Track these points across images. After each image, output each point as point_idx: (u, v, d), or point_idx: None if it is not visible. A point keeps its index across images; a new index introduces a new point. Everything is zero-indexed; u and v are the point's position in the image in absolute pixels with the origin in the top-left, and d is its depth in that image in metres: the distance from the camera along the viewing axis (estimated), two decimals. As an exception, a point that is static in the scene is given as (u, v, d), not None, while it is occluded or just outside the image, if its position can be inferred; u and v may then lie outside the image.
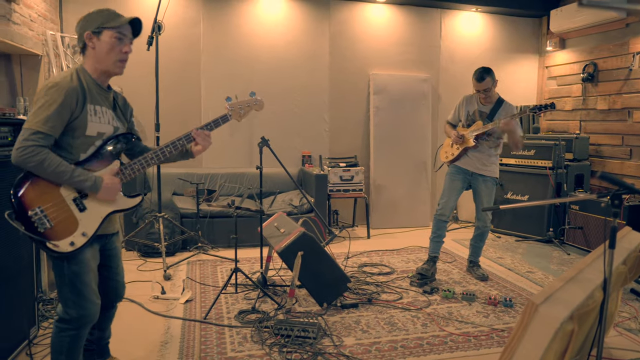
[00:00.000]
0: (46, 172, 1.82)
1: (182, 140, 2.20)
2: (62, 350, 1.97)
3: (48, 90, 1.83)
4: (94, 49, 1.97)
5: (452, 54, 6.02)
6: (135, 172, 2.08)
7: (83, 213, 1.94)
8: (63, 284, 1.94)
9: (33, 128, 1.79)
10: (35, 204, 1.83)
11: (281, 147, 5.61)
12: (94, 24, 1.96)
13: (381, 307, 3.33)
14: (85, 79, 1.97)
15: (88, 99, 1.95)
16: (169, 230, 4.48)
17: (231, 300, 3.39)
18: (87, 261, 1.96)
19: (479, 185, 3.88)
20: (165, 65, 5.22)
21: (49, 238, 1.85)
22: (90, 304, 1.98)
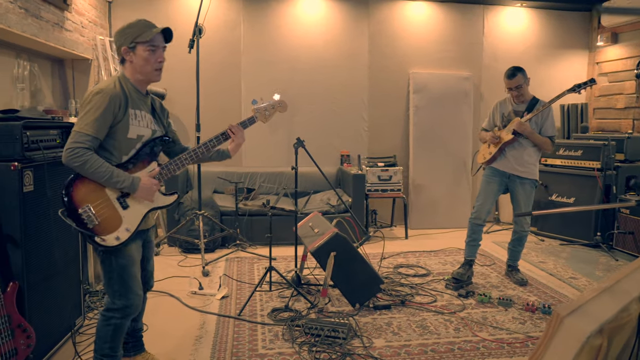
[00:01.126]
0: (88, 172, 1.94)
1: (213, 141, 2.29)
2: (107, 338, 2.11)
3: (94, 97, 1.96)
4: (132, 62, 2.09)
5: (495, 51, 5.87)
6: (171, 172, 2.19)
7: (126, 210, 2.07)
8: (111, 277, 2.08)
9: (81, 131, 1.93)
10: (84, 202, 1.97)
11: (320, 146, 5.67)
12: (128, 39, 2.07)
13: (414, 309, 3.31)
14: (127, 85, 2.09)
15: (130, 104, 2.06)
16: (209, 227, 4.62)
17: (265, 298, 3.47)
18: (132, 255, 2.10)
19: (516, 188, 3.77)
20: (207, 67, 5.37)
21: (97, 233, 1.99)
22: (135, 295, 2.12)
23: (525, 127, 3.60)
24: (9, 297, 2.24)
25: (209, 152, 2.30)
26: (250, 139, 5.52)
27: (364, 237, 3.49)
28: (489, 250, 4.77)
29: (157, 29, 2.13)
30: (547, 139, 3.66)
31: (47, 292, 2.52)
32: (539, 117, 3.60)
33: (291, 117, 5.60)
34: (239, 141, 2.35)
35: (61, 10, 4.04)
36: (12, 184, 2.29)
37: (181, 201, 4.74)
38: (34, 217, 2.38)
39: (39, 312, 2.44)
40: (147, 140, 2.15)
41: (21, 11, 3.47)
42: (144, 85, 2.18)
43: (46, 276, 2.50)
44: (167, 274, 3.98)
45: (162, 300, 3.46)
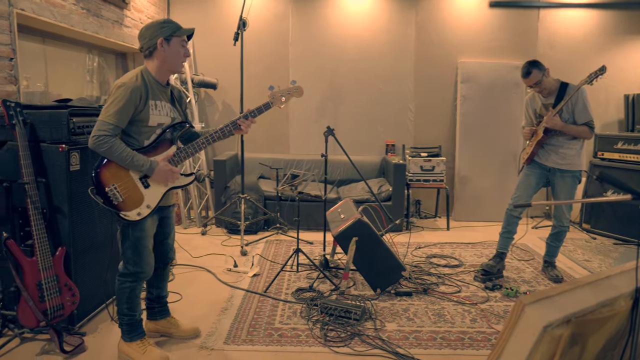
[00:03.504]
0: (113, 156, 2.20)
1: (228, 126, 2.48)
2: (123, 299, 2.41)
3: (117, 89, 2.21)
4: (164, 52, 2.32)
5: (551, 38, 5.61)
6: (188, 155, 2.41)
7: (147, 189, 2.32)
8: (127, 245, 2.35)
9: (105, 120, 2.19)
10: (110, 182, 2.25)
11: (365, 135, 5.75)
12: (167, 32, 2.31)
13: (435, 298, 3.35)
14: (148, 78, 2.32)
15: (150, 96, 2.30)
16: (252, 210, 4.88)
17: (294, 278, 3.65)
18: (148, 228, 2.36)
19: (557, 181, 3.65)
20: (256, 59, 5.61)
21: (121, 209, 2.26)
22: (146, 263, 2.39)
23: (555, 122, 3.46)
24: (57, 260, 2.58)
25: (224, 137, 2.49)
26: (297, 127, 5.73)
27: (389, 224, 3.55)
28: (531, 245, 4.64)
29: (188, 29, 2.39)
30: (583, 127, 3.48)
31: (91, 259, 2.86)
32: (569, 105, 3.45)
33: (337, 107, 5.72)
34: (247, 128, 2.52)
35: (120, 8, 4.42)
36: (60, 163, 2.63)
37: (228, 185, 5.03)
38: (79, 192, 2.71)
39: (84, 276, 2.79)
40: (167, 127, 2.38)
41: (83, 11, 3.85)
42: (165, 77, 2.41)
43: (90, 245, 2.84)
44: (208, 251, 4.29)
45: (200, 274, 3.75)
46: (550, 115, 3.49)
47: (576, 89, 3.38)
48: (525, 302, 1.62)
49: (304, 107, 5.71)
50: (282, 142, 5.81)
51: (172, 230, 2.65)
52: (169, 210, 2.58)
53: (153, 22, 2.36)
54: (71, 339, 2.56)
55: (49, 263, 2.51)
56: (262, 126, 5.72)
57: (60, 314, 2.55)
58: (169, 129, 2.39)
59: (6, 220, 2.63)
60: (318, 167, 5.58)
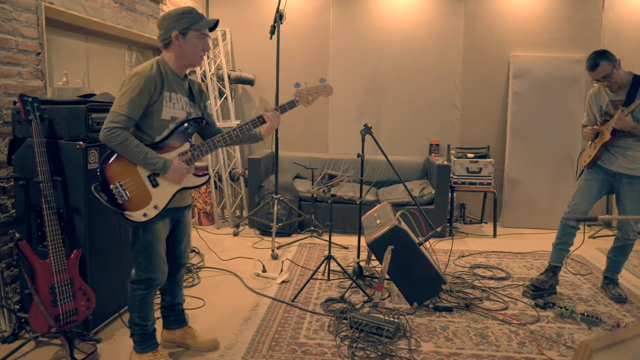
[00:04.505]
0: (125, 151, 2.05)
1: (248, 124, 2.28)
2: (135, 308, 2.25)
3: (131, 79, 2.05)
4: (180, 46, 2.14)
5: (617, 28, 5.08)
6: (203, 154, 2.23)
7: (156, 189, 2.15)
8: (137, 250, 2.19)
9: (117, 111, 2.03)
10: (115, 178, 2.09)
11: (408, 134, 5.44)
12: (183, 25, 2.13)
13: (478, 315, 3.03)
14: (165, 69, 2.16)
15: (165, 87, 2.13)
16: (286, 211, 4.69)
17: (324, 287, 3.42)
18: (159, 231, 2.19)
19: (623, 188, 3.22)
20: (296, 53, 5.41)
21: (126, 209, 2.10)
22: (158, 269, 2.23)
23: (625, 122, 3.04)
24: (72, 262, 2.47)
25: (244, 135, 2.29)
26: (336, 124, 5.49)
27: (430, 231, 3.25)
28: (588, 258, 4.20)
29: (209, 20, 2.19)
30: None
31: (109, 262, 2.74)
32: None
33: (379, 103, 5.43)
34: (273, 124, 2.31)
35: (156, 2, 4.32)
36: (78, 160, 2.51)
37: (262, 184, 4.86)
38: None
39: (101, 280, 2.67)
40: (182, 121, 2.20)
41: (116, 5, 3.76)
42: (183, 70, 2.24)
43: (107, 247, 2.72)
44: (239, 253, 4.13)
45: (227, 279, 3.59)
46: (620, 114, 3.07)
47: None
48: (593, 347, 1.32)
49: (344, 103, 5.46)
50: (321, 141, 5.58)
51: (186, 234, 2.47)
52: (184, 213, 2.40)
53: (171, 12, 2.18)
54: (84, 345, 2.44)
55: (63, 266, 2.40)
56: (300, 124, 5.52)
57: (73, 320, 2.44)
58: (184, 124, 2.21)
59: (23, 219, 2.55)
60: (357, 167, 5.31)
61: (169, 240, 2.37)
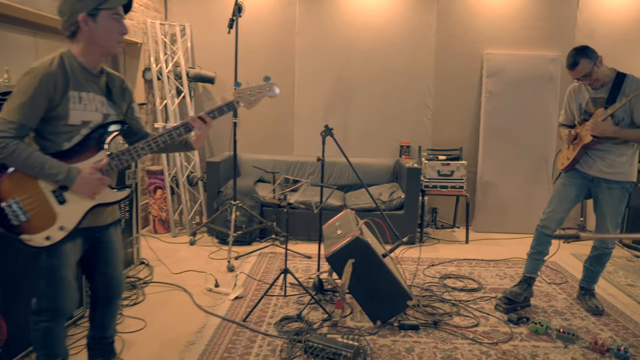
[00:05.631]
0: (18, 162, 1.70)
1: (179, 129, 1.96)
2: (39, 344, 1.92)
3: (23, 77, 1.72)
4: (91, 31, 1.81)
5: (591, 27, 4.92)
6: (123, 163, 1.90)
7: (63, 206, 1.80)
8: (39, 276, 1.85)
9: (6, 118, 1.69)
10: (10, 195, 1.74)
11: (378, 135, 5.19)
12: (89, 4, 1.78)
13: (447, 333, 2.78)
14: (71, 63, 1.81)
15: (71, 85, 1.79)
16: (247, 218, 4.38)
17: (281, 303, 3.13)
18: (66, 255, 1.85)
19: (602, 193, 3.01)
20: (258, 49, 5.10)
21: (23, 231, 1.75)
22: (65, 298, 1.89)
23: (604, 127, 2.81)
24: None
25: (173, 141, 1.97)
26: (302, 125, 5.20)
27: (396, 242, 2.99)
28: (563, 265, 4.01)
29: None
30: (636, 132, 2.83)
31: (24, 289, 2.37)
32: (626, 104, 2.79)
33: (347, 103, 5.16)
34: (202, 133, 2.00)
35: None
36: None
37: (221, 190, 4.54)
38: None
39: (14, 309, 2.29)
40: (97, 126, 1.87)
41: (51, -8, 3.40)
42: (97, 62, 1.89)
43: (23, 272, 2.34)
44: (193, 264, 3.81)
45: (175, 295, 3.26)
46: (599, 117, 2.84)
47: (632, 96, 2.68)
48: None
49: (311, 103, 5.17)
50: (286, 143, 5.28)
51: (115, 257, 2.08)
52: (109, 232, 2.04)
53: None
54: (-9, 384, 2.10)
55: (-36, 292, 2.05)
56: (263, 125, 5.22)
57: (-22, 353, 2.09)
58: (100, 129, 1.88)
59: None
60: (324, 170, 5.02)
61: (92, 266, 2.03)
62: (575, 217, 5.06)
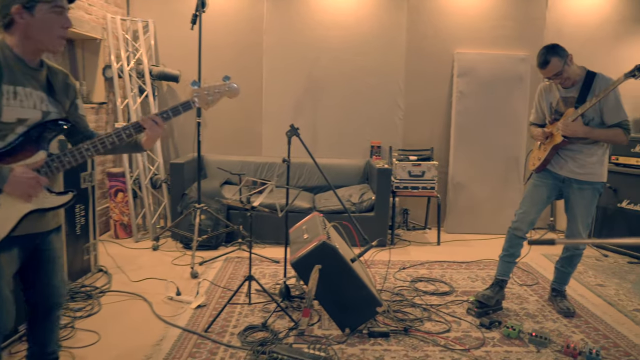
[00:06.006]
0: None
1: (128, 129, 1.80)
2: None
3: None
4: (27, 25, 1.63)
5: (560, 27, 4.93)
6: (65, 166, 1.72)
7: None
8: None
9: None
10: None
11: (348, 135, 5.08)
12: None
13: (418, 340, 2.68)
14: (5, 54, 1.63)
15: (5, 79, 1.61)
16: (212, 222, 4.21)
17: (245, 311, 2.98)
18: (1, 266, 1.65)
19: (573, 194, 2.97)
20: (224, 47, 4.94)
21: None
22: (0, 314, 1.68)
23: (575, 127, 2.77)
24: None
25: (122, 142, 1.81)
26: (270, 126, 5.05)
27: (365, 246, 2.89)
28: (534, 266, 3.98)
29: None
30: (615, 130, 2.77)
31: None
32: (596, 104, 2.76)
33: (317, 103, 5.04)
34: (153, 134, 1.85)
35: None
36: None
37: (185, 192, 4.36)
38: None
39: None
40: (35, 124, 1.69)
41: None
42: (35, 56, 1.71)
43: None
44: (155, 270, 3.62)
45: (133, 304, 3.08)
46: (569, 117, 2.80)
47: (614, 84, 2.64)
48: None
49: (279, 103, 5.03)
50: (254, 143, 5.12)
51: (56, 265, 1.90)
52: (50, 240, 1.85)
53: None
54: None
55: None
56: (231, 124, 5.06)
57: None
58: (39, 128, 1.70)
59: None
60: (293, 171, 4.90)
61: (31, 276, 1.84)
62: (545, 217, 5.06)
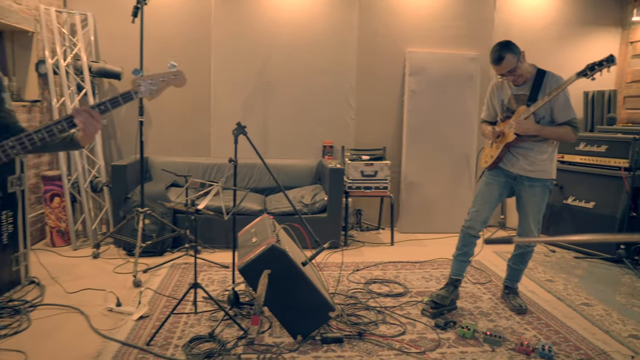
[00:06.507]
0: None
1: (60, 123, 1.63)
2: None
3: None
4: None
5: (508, 28, 5.01)
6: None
7: None
8: None
9: None
10: None
11: (300, 135, 4.97)
12: None
13: (373, 344, 2.60)
14: None
15: None
16: (158, 226, 3.99)
17: (191, 321, 2.81)
18: None
19: (524, 191, 2.98)
20: (171, 42, 4.73)
21: None
22: None
23: (527, 125, 2.78)
24: None
25: (54, 138, 1.63)
26: (219, 126, 4.86)
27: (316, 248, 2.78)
28: (487, 263, 4.00)
29: None
30: (565, 128, 2.80)
31: None
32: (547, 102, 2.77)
33: (268, 101, 4.90)
34: (88, 129, 1.68)
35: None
36: None
37: (128, 196, 4.11)
38: None
39: None
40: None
41: None
42: None
43: None
44: (95, 280, 3.37)
45: (68, 318, 2.83)
46: (521, 115, 2.80)
47: (566, 83, 2.65)
48: None
49: (229, 101, 4.85)
50: (202, 144, 4.92)
51: None
52: None
53: None
54: None
55: None
56: (177, 124, 4.84)
57: None
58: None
59: None
60: (243, 173, 4.73)
61: None
62: (496, 214, 5.13)
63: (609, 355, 2.54)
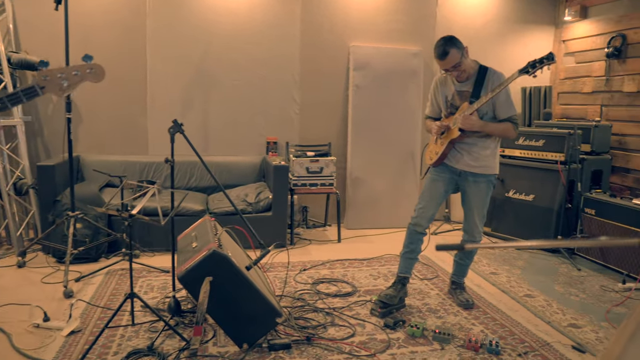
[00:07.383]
0: None
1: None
2: None
3: None
4: None
5: (449, 24, 5.06)
6: None
7: None
8: None
9: None
10: None
11: (242, 131, 4.81)
12: None
13: (322, 348, 2.52)
14: None
15: None
16: (91, 231, 3.72)
17: (129, 333, 2.61)
18: None
19: (469, 187, 3.00)
20: (101, 31, 4.41)
21: None
22: None
23: (472, 122, 2.79)
24: None
25: None
26: (157, 122, 4.60)
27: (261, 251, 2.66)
28: (434, 258, 4.03)
29: None
30: (506, 125, 2.84)
31: None
32: None
33: (208, 95, 4.69)
34: None
35: None
36: None
37: (58, 198, 3.80)
38: None
39: None
40: None
41: None
42: None
43: None
44: (17, 295, 3.07)
45: (-13, 338, 2.56)
46: (465, 111, 2.80)
47: (509, 80, 2.65)
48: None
49: (167, 96, 4.60)
50: (139, 141, 4.63)
51: None
52: None
53: None
54: None
55: None
56: (111, 120, 4.54)
57: None
58: None
59: None
60: (183, 172, 4.50)
61: None
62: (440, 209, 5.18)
63: (551, 347, 2.60)
